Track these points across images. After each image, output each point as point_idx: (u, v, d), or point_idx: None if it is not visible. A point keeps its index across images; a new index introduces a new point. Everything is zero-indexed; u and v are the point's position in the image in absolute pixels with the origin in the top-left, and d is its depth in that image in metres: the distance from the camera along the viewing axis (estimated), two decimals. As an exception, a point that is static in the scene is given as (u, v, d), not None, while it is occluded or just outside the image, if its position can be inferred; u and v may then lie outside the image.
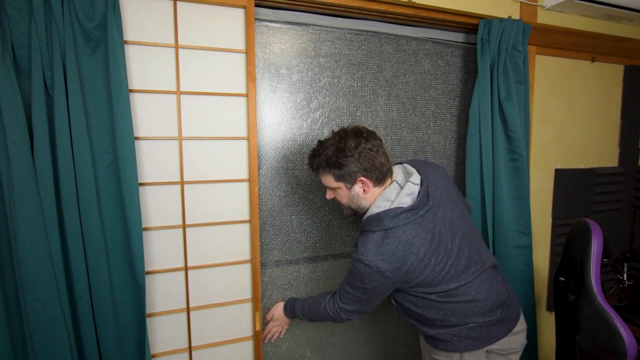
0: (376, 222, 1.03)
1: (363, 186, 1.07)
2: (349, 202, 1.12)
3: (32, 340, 0.97)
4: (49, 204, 0.96)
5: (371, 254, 1.01)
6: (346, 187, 1.08)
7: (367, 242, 1.03)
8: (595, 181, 1.88)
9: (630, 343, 1.12)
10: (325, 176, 1.09)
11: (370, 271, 1.01)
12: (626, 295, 1.67)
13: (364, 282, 1.04)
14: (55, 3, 0.93)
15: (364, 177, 1.05)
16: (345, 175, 1.05)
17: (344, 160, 1.03)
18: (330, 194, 1.15)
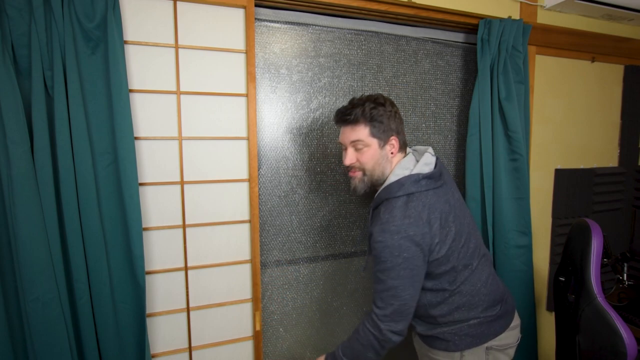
0: (398, 188, 1.00)
1: (392, 148, 1.05)
2: (374, 166, 1.04)
3: (32, 340, 0.97)
4: (49, 204, 0.96)
5: (398, 219, 0.96)
6: (379, 144, 1.03)
7: (391, 208, 0.98)
8: (595, 181, 1.88)
9: (630, 343, 1.12)
10: (359, 130, 1.02)
11: (400, 238, 0.95)
12: (626, 295, 1.67)
13: (394, 257, 0.95)
14: (55, 3, 0.93)
15: (395, 138, 1.04)
16: (382, 132, 1.02)
17: (383, 114, 1.01)
18: (352, 156, 1.06)
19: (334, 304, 1.52)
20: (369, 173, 1.06)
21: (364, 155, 1.04)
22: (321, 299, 1.50)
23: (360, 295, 1.56)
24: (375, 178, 1.06)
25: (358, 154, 1.05)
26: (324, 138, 1.43)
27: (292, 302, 1.45)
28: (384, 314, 0.98)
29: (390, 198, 1.01)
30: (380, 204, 1.04)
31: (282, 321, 1.44)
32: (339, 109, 1.06)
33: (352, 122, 1.03)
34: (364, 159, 1.04)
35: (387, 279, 0.97)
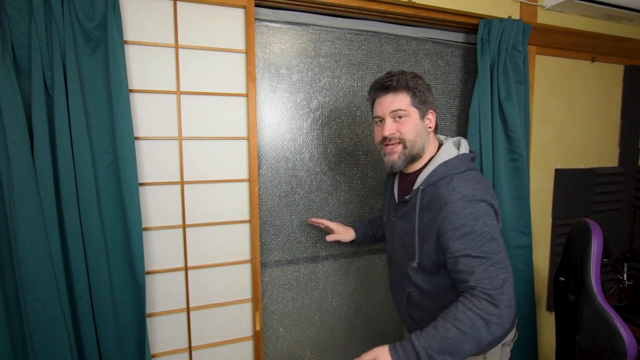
0: (460, 163, 0.96)
1: (429, 122, 1.02)
2: (415, 137, 0.98)
3: (32, 340, 0.97)
4: (49, 204, 0.96)
5: (476, 188, 0.90)
6: (420, 115, 0.99)
7: (462, 180, 0.91)
8: (595, 181, 1.88)
9: (630, 343, 1.12)
10: (401, 98, 0.97)
11: (486, 205, 0.89)
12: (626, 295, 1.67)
13: (488, 225, 0.87)
14: (55, 3, 0.93)
15: (433, 113, 1.02)
16: (422, 103, 0.98)
17: (422, 86, 0.99)
18: (392, 127, 0.98)
19: (334, 304, 1.52)
20: (410, 145, 0.98)
21: (405, 125, 0.98)
22: (321, 299, 1.50)
23: (360, 295, 1.56)
24: (415, 152, 0.99)
25: (398, 125, 0.98)
26: (324, 138, 1.43)
27: (292, 302, 1.45)
28: (500, 291, 0.84)
29: (454, 174, 0.94)
30: (436, 182, 0.95)
31: (282, 321, 1.44)
32: (377, 79, 1.02)
33: (394, 89, 0.98)
34: (405, 128, 0.98)
35: (490, 252, 0.86)
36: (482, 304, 0.83)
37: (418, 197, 0.97)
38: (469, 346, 0.83)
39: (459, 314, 0.84)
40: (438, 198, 0.92)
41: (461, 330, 0.83)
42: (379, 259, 1.59)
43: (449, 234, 0.88)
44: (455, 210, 0.88)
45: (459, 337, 0.83)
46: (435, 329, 0.86)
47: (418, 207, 0.96)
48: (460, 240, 0.87)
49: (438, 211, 0.91)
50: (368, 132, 1.49)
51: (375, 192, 1.54)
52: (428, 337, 0.85)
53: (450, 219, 0.88)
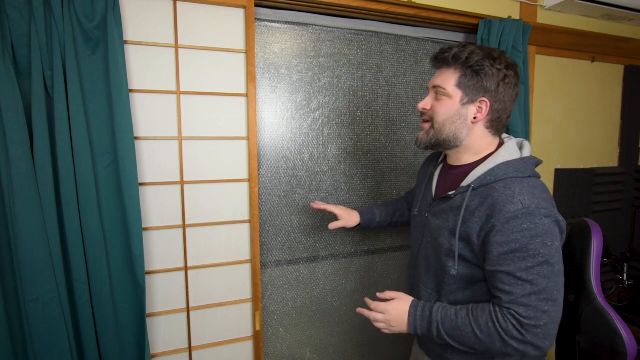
0: (525, 167, 0.83)
1: (477, 112, 0.86)
2: (444, 121, 0.87)
3: (32, 340, 0.97)
4: (49, 204, 0.96)
5: (542, 200, 0.77)
6: (461, 101, 0.85)
7: (527, 187, 0.78)
8: (595, 181, 1.88)
9: (630, 343, 1.12)
10: (448, 74, 0.86)
11: (551, 222, 0.75)
12: (626, 295, 1.67)
13: (547, 247, 0.74)
14: (55, 3, 0.93)
15: (487, 102, 0.84)
16: (472, 87, 0.84)
17: (488, 67, 0.82)
18: (427, 101, 0.90)
19: (334, 304, 1.52)
20: (437, 128, 0.88)
21: (439, 105, 0.87)
22: (321, 299, 1.50)
23: (360, 295, 1.56)
24: (442, 137, 0.88)
25: (435, 102, 0.89)
26: (324, 138, 1.43)
27: (292, 302, 1.45)
28: (535, 324, 0.74)
29: (516, 177, 0.81)
30: (493, 184, 0.82)
31: (282, 321, 1.44)
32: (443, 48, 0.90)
33: (443, 62, 0.87)
34: (438, 108, 0.88)
35: (538, 277, 0.75)
36: (508, 326, 0.76)
37: (467, 195, 0.83)
38: (478, 347, 0.81)
39: (481, 319, 0.79)
40: (492, 202, 0.78)
41: (475, 334, 0.79)
42: (379, 259, 1.59)
43: (494, 247, 0.77)
44: (510, 222, 0.75)
45: (471, 337, 0.80)
46: (455, 315, 0.82)
47: (464, 208, 0.83)
48: (506, 256, 0.76)
49: (488, 218, 0.78)
50: (368, 132, 1.50)
51: (375, 192, 1.54)
52: (446, 316, 0.83)
53: (502, 231, 0.76)
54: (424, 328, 0.86)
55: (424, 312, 0.86)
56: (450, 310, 0.84)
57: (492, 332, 0.77)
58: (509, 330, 0.75)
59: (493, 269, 0.78)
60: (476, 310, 0.81)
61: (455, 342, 0.83)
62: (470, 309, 0.83)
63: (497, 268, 0.77)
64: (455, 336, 0.82)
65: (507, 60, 0.86)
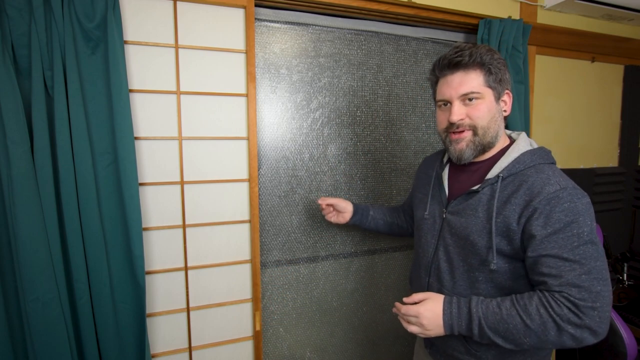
0: (547, 155, 0.84)
1: (504, 106, 0.87)
2: (489, 123, 0.84)
3: (32, 340, 0.97)
4: (49, 204, 0.96)
5: (570, 182, 0.77)
6: (495, 96, 0.84)
7: (558, 171, 0.79)
8: (595, 181, 1.88)
9: (630, 343, 1.12)
10: (472, 77, 0.83)
11: (587, 203, 0.75)
12: (626, 295, 1.67)
13: (588, 226, 0.73)
14: (55, 3, 0.93)
15: (509, 94, 0.86)
16: (498, 82, 0.84)
17: (499, 61, 0.83)
18: (461, 111, 0.84)
19: (334, 304, 1.52)
20: (482, 132, 0.84)
21: (477, 109, 0.83)
22: (321, 299, 1.50)
23: (360, 295, 1.56)
24: (487, 140, 0.85)
25: (469, 108, 0.84)
26: (324, 138, 1.43)
27: (292, 302, 1.45)
28: (591, 305, 0.70)
29: (544, 163, 0.81)
30: (523, 171, 0.81)
31: (282, 321, 1.45)
32: (443, 55, 0.86)
33: (464, 66, 0.83)
34: (477, 112, 0.83)
35: (586, 257, 0.72)
36: (562, 310, 0.71)
37: (497, 186, 0.81)
38: (528, 340, 0.74)
39: (531, 308, 0.73)
40: (529, 187, 0.77)
41: (526, 324, 0.73)
42: (378, 259, 1.59)
43: (537, 230, 0.74)
44: (551, 202, 0.73)
45: (521, 328, 0.73)
46: (499, 307, 0.76)
47: (497, 199, 0.80)
48: (550, 237, 0.73)
49: (528, 202, 0.76)
50: (368, 132, 1.50)
51: (375, 192, 1.54)
52: (488, 310, 0.76)
53: (544, 212, 0.74)
54: (461, 327, 0.79)
55: (460, 309, 0.80)
56: (491, 303, 0.77)
57: (545, 319, 0.72)
58: (564, 314, 0.70)
59: (536, 254, 0.75)
60: (522, 300, 0.75)
61: (500, 338, 0.76)
62: (514, 299, 0.76)
63: (540, 252, 0.74)
64: (501, 330, 0.75)
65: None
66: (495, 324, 0.75)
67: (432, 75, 0.91)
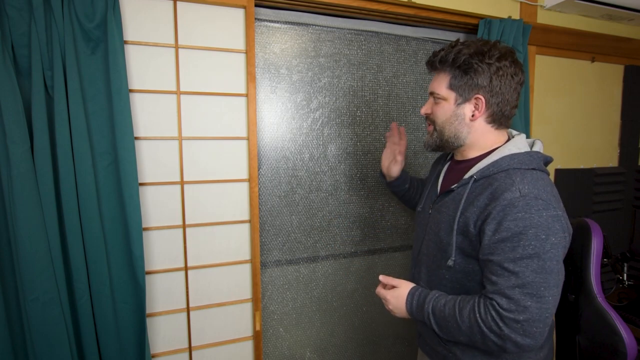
0: (530, 160, 0.82)
1: (474, 110, 0.86)
2: (443, 123, 0.89)
3: (32, 340, 0.97)
4: (49, 204, 0.96)
5: (543, 192, 0.74)
6: (455, 100, 0.87)
7: (529, 178, 0.76)
8: (595, 181, 1.88)
9: (630, 343, 1.12)
10: (440, 78, 0.88)
11: (549, 216, 0.73)
12: (626, 295, 1.67)
13: (540, 241, 0.72)
14: (55, 3, 0.93)
15: (482, 98, 0.84)
16: (464, 86, 0.85)
17: (476, 64, 0.82)
18: (427, 106, 0.93)
19: (334, 304, 1.52)
20: (439, 130, 0.91)
21: (437, 109, 0.90)
22: (321, 299, 1.50)
23: (360, 295, 1.56)
24: (444, 139, 0.90)
25: (434, 106, 0.91)
26: (324, 138, 1.43)
27: (292, 302, 1.45)
28: (514, 318, 0.72)
29: (519, 169, 0.80)
30: (495, 174, 0.81)
31: (282, 321, 1.44)
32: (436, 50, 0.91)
33: (432, 67, 0.91)
34: (435, 111, 0.91)
35: (525, 270, 0.72)
36: (487, 318, 0.74)
37: (468, 187, 0.84)
38: (463, 339, 0.81)
39: (464, 311, 0.78)
40: (491, 191, 0.78)
41: (459, 325, 0.79)
42: (378, 259, 1.59)
43: (487, 234, 0.76)
44: (506, 209, 0.74)
45: (455, 328, 0.80)
46: (444, 305, 0.82)
47: (464, 199, 0.83)
48: (496, 244, 0.75)
49: (485, 206, 0.78)
50: (368, 132, 1.49)
51: (375, 192, 1.54)
52: (436, 307, 0.83)
53: (496, 218, 0.75)
54: (419, 317, 0.87)
55: (418, 302, 0.88)
56: (441, 301, 0.84)
57: (472, 323, 0.77)
58: (487, 322, 0.74)
59: (484, 257, 0.78)
60: (463, 302, 0.80)
61: (444, 334, 0.83)
62: (458, 300, 0.82)
63: (487, 257, 0.77)
64: (443, 327, 0.82)
65: (500, 50, 0.84)
66: (439, 321, 0.83)
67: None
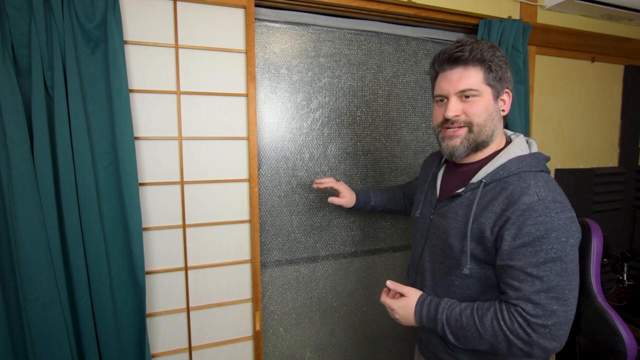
0: (537, 162, 0.81)
1: (503, 105, 0.85)
2: (485, 121, 0.82)
3: (32, 340, 0.97)
4: (49, 204, 0.96)
5: (559, 195, 0.74)
6: (493, 94, 0.82)
7: (542, 180, 0.76)
8: (595, 181, 1.88)
9: (630, 343, 1.12)
10: (471, 74, 0.81)
11: (567, 218, 0.72)
12: (626, 295, 1.67)
13: (561, 243, 0.71)
14: (55, 3, 0.93)
15: (509, 93, 0.84)
16: (497, 80, 0.82)
17: (501, 58, 0.82)
18: (458, 107, 0.83)
19: (334, 304, 1.52)
20: (477, 130, 0.82)
21: (474, 106, 0.82)
22: (321, 299, 1.50)
23: (360, 295, 1.56)
24: (482, 138, 0.83)
25: (465, 105, 0.83)
26: (324, 138, 1.43)
27: (292, 302, 1.45)
28: (542, 323, 0.70)
29: (530, 172, 0.78)
30: (506, 178, 0.79)
31: (282, 321, 1.45)
32: (443, 49, 0.85)
33: (464, 62, 0.82)
34: (473, 109, 0.82)
35: (550, 274, 0.71)
36: (513, 324, 0.72)
37: (478, 192, 0.81)
38: (483, 347, 0.78)
39: (486, 319, 0.75)
40: (507, 196, 0.76)
41: (480, 334, 0.76)
42: (378, 259, 1.59)
43: (507, 239, 0.74)
44: (525, 213, 0.72)
45: (476, 336, 0.77)
46: (460, 314, 0.79)
47: (476, 204, 0.80)
48: (518, 249, 0.73)
49: (503, 211, 0.75)
50: (368, 132, 1.50)
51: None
52: (451, 316, 0.80)
53: (516, 223, 0.73)
54: (430, 326, 0.85)
55: (429, 312, 0.84)
56: (455, 309, 0.80)
57: (496, 331, 0.74)
58: (514, 329, 0.72)
59: (503, 263, 0.75)
60: (481, 309, 0.77)
61: (462, 344, 0.80)
62: (475, 307, 0.78)
63: (507, 262, 0.74)
64: (460, 337, 0.79)
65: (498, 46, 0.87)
66: (455, 330, 0.80)
67: (432, 69, 0.90)
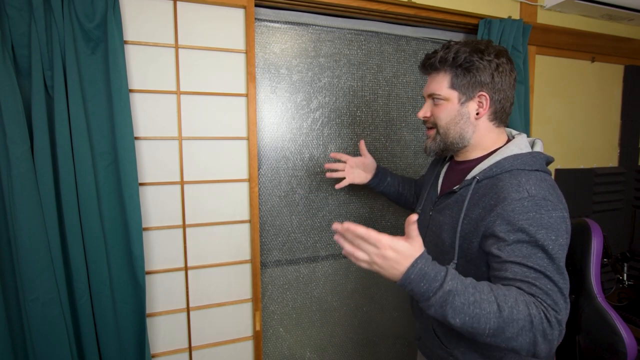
0: (534, 161, 0.80)
1: (478, 108, 0.85)
2: (447, 124, 0.86)
3: (32, 340, 0.97)
4: (49, 204, 0.96)
5: (549, 193, 0.74)
6: (459, 99, 0.84)
7: (534, 178, 0.75)
8: (595, 181, 1.88)
9: (630, 343, 1.12)
10: (439, 78, 0.86)
11: (558, 217, 0.72)
12: (626, 295, 1.67)
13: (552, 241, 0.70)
14: (55, 3, 0.93)
15: (486, 95, 0.83)
16: (467, 84, 0.83)
17: (478, 62, 0.81)
18: (426, 109, 0.90)
19: (334, 304, 1.52)
20: (442, 132, 0.88)
21: (439, 110, 0.87)
22: (321, 299, 1.50)
23: (360, 295, 1.56)
24: (449, 140, 0.87)
25: (434, 108, 0.88)
26: (324, 138, 1.43)
27: (292, 302, 1.45)
28: (557, 315, 0.67)
29: (523, 170, 0.78)
30: (499, 175, 0.79)
31: (282, 321, 1.45)
32: (430, 52, 0.89)
33: (431, 68, 0.87)
34: (437, 113, 0.87)
35: (549, 270, 0.69)
36: (540, 313, 0.65)
37: (471, 188, 0.81)
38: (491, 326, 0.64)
39: (509, 299, 0.64)
40: (496, 192, 0.75)
41: (502, 314, 0.63)
42: (379, 259, 1.58)
43: (500, 237, 0.71)
44: (515, 210, 0.71)
45: (492, 317, 0.63)
46: (474, 288, 0.65)
47: (467, 200, 0.80)
48: (512, 246, 0.70)
49: (492, 207, 0.74)
50: (368, 132, 1.50)
51: (375, 192, 1.54)
52: (465, 288, 0.65)
53: (506, 218, 0.71)
54: (420, 289, 0.65)
55: (437, 274, 0.65)
56: (465, 282, 0.66)
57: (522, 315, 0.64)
58: (541, 321, 0.65)
59: (499, 261, 0.71)
60: (502, 289, 0.67)
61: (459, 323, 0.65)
62: (494, 286, 0.67)
63: (503, 259, 0.70)
64: (465, 316, 0.64)
65: (495, 48, 0.84)
66: (462, 306, 0.64)
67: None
